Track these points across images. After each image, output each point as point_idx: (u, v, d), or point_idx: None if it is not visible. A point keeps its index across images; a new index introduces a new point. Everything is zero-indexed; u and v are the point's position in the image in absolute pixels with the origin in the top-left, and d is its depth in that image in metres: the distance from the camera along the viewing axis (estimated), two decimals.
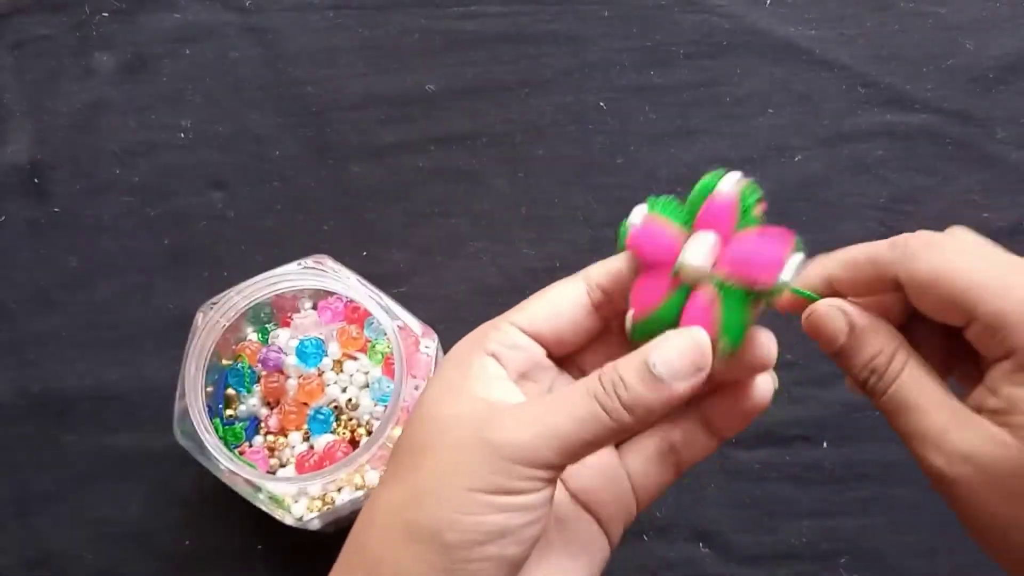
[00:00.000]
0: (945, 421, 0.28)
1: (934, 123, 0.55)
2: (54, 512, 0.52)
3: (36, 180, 0.56)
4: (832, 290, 0.32)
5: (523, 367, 0.32)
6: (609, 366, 0.29)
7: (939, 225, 0.54)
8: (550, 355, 0.33)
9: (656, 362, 0.28)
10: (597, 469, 0.33)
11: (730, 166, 0.55)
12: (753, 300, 0.30)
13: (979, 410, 0.28)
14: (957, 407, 0.29)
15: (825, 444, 0.51)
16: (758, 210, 0.31)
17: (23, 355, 0.53)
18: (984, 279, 0.28)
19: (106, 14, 0.58)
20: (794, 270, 0.30)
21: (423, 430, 0.30)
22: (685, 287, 0.30)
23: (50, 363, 0.53)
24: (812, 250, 0.32)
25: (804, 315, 0.31)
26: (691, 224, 0.31)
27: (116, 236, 0.55)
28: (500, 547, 0.28)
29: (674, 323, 0.30)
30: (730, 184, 0.30)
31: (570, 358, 0.34)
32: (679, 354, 0.29)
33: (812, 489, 0.51)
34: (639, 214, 0.32)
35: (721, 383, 0.33)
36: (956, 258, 0.29)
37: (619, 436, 0.29)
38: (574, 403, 0.28)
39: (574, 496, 0.33)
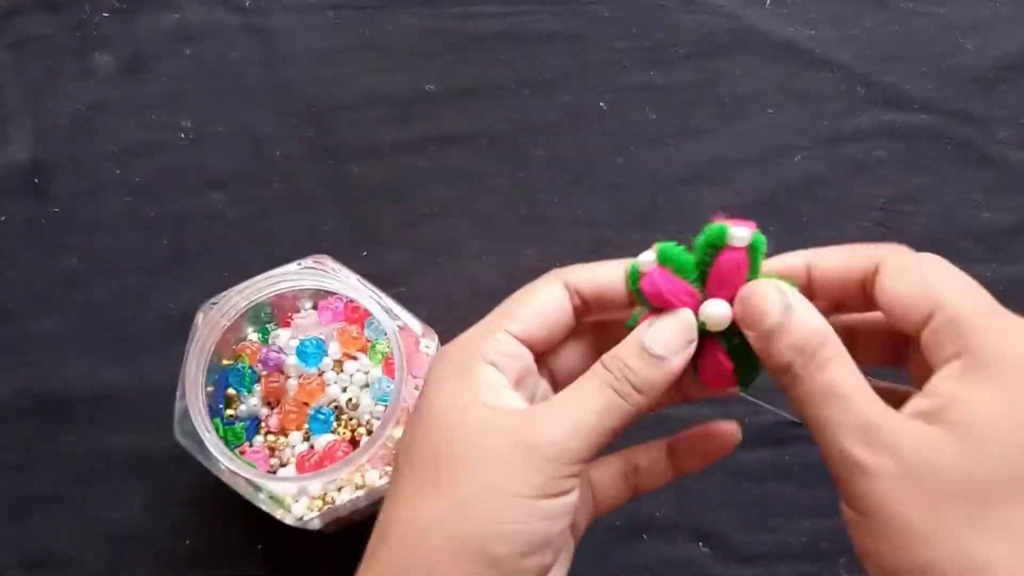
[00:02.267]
0: (874, 412, 0.27)
1: (934, 123, 0.55)
2: (54, 512, 0.52)
3: (36, 180, 0.56)
4: (808, 278, 0.33)
5: (518, 374, 0.32)
6: (609, 356, 0.31)
7: (939, 225, 0.54)
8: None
9: (653, 344, 0.31)
10: None
11: (730, 166, 0.55)
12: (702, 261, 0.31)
13: (914, 413, 0.28)
14: (885, 405, 0.28)
15: None
16: (764, 259, 0.32)
17: (23, 355, 0.53)
18: (950, 284, 0.29)
19: (106, 14, 0.58)
20: (746, 232, 0.31)
21: (447, 438, 0.30)
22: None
23: (50, 363, 0.53)
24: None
25: (740, 293, 0.31)
26: (702, 273, 0.32)
27: (116, 236, 0.55)
28: (542, 556, 0.29)
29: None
30: (741, 241, 0.31)
31: (539, 357, 0.35)
32: (671, 333, 0.31)
33: (812, 489, 0.51)
34: (649, 259, 0.32)
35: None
36: (927, 264, 0.30)
37: (636, 418, 0.31)
38: (592, 397, 0.30)
39: None
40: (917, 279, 0.29)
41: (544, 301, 0.33)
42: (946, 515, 0.26)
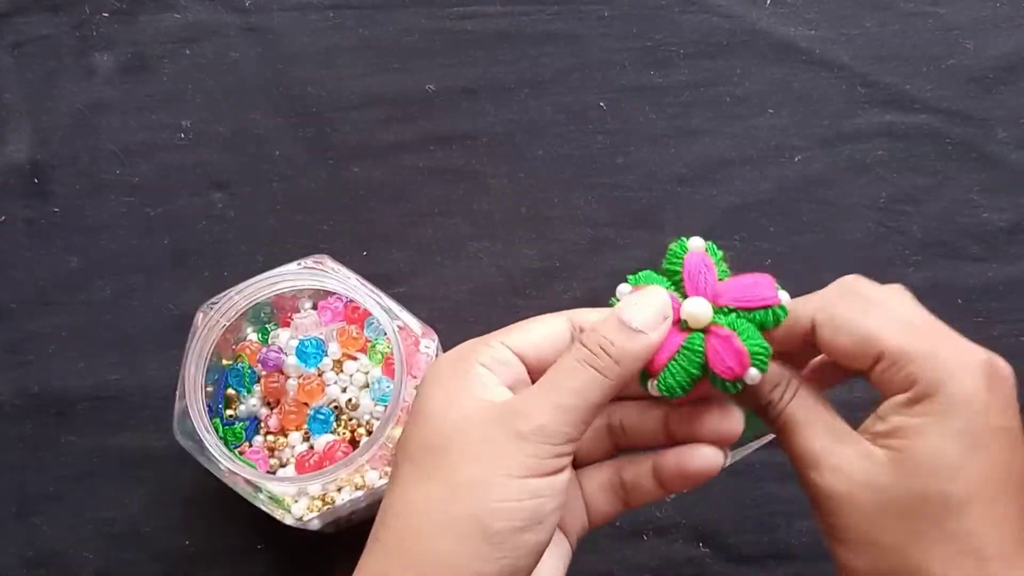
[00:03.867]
0: (828, 441, 0.32)
1: (934, 123, 0.55)
2: (54, 512, 0.52)
3: (36, 180, 0.56)
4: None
5: (510, 382, 0.33)
6: (586, 333, 0.32)
7: (939, 225, 0.54)
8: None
9: (631, 318, 0.32)
10: None
11: (730, 166, 0.55)
12: (759, 327, 0.33)
13: (865, 433, 0.31)
14: (842, 429, 0.32)
15: None
16: (726, 265, 0.34)
17: (23, 355, 0.53)
18: (888, 326, 0.31)
19: (106, 14, 0.58)
20: (786, 295, 0.33)
21: (442, 430, 0.32)
22: (697, 334, 0.33)
23: (50, 363, 0.53)
24: (813, 250, 0.32)
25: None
26: (676, 285, 0.34)
27: (116, 236, 0.55)
28: (536, 533, 0.30)
29: (699, 366, 0.32)
30: (697, 243, 0.34)
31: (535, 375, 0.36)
32: (647, 307, 0.32)
33: None
34: (625, 289, 0.34)
35: (681, 439, 0.34)
36: (862, 306, 0.32)
37: (615, 391, 0.32)
38: (572, 375, 0.31)
39: None
40: (854, 329, 0.31)
41: (542, 326, 0.34)
42: (890, 527, 0.30)
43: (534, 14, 0.57)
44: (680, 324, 0.33)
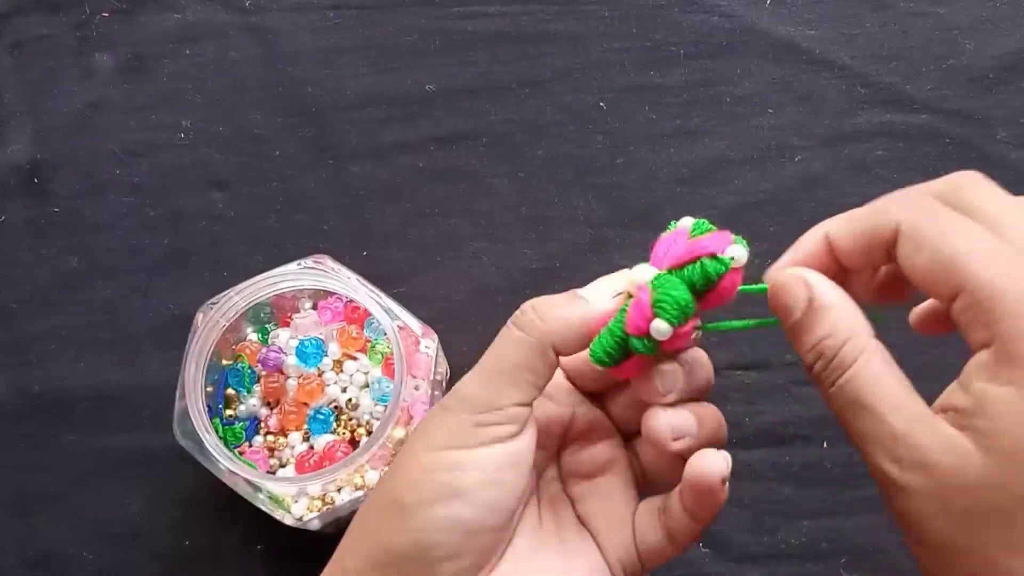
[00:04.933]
0: (901, 425, 0.26)
1: (934, 123, 0.55)
2: (54, 512, 0.52)
3: (36, 180, 0.56)
4: (828, 252, 0.30)
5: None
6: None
7: None
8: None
9: (579, 291, 0.31)
10: (606, 504, 0.34)
11: (730, 166, 0.55)
12: (696, 284, 0.30)
13: (947, 408, 0.26)
14: (918, 409, 0.26)
15: (825, 444, 0.51)
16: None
17: (23, 355, 0.53)
18: (976, 254, 0.25)
19: (106, 14, 0.58)
20: (744, 250, 0.30)
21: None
22: (617, 323, 0.30)
23: (50, 363, 0.53)
24: None
25: (770, 287, 0.30)
26: (693, 290, 0.31)
27: (116, 236, 0.55)
28: (453, 508, 0.29)
29: (622, 330, 0.30)
30: (685, 223, 0.32)
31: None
32: (604, 280, 0.32)
33: (812, 489, 0.51)
34: (644, 276, 0.31)
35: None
36: (951, 227, 0.26)
37: (540, 353, 0.30)
38: (497, 341, 0.31)
39: (580, 517, 0.34)
40: (937, 251, 0.26)
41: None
42: (979, 531, 0.25)
43: (534, 14, 0.57)
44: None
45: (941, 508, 0.25)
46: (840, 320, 0.28)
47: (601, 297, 0.31)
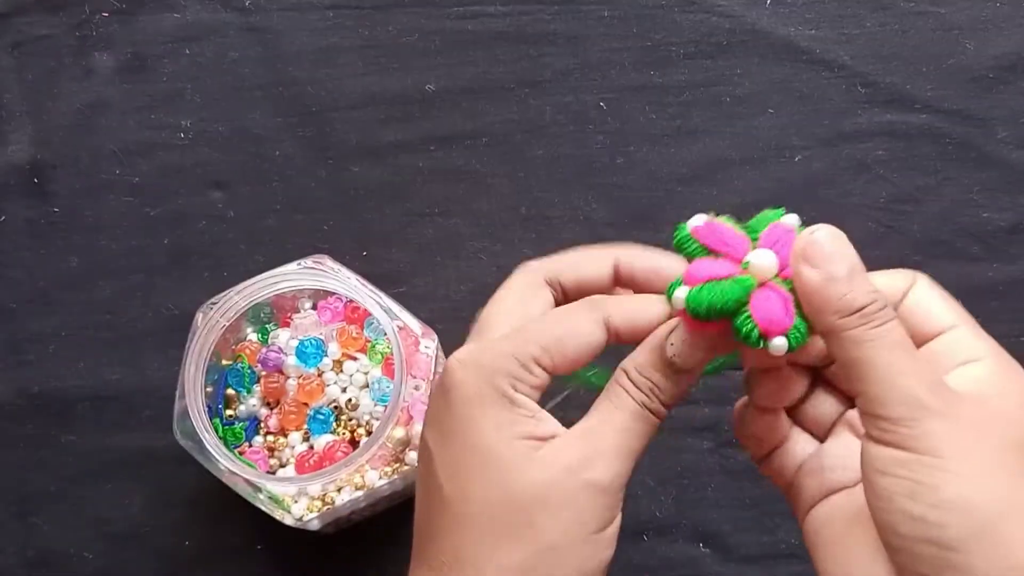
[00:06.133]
0: (936, 370, 0.30)
1: (934, 123, 0.55)
2: (54, 512, 0.52)
3: (36, 180, 0.56)
4: None
5: (539, 393, 0.32)
6: (636, 372, 0.31)
7: (939, 225, 0.54)
8: None
9: (677, 356, 0.31)
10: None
11: (730, 166, 0.55)
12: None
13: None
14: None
15: None
16: None
17: (23, 355, 0.53)
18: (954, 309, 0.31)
19: (106, 14, 0.58)
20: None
21: (514, 481, 0.30)
22: (750, 278, 0.31)
23: (50, 363, 0.53)
24: None
25: (813, 234, 0.31)
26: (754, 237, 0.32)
27: (116, 236, 0.55)
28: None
29: (738, 300, 0.30)
30: (794, 220, 0.33)
31: None
32: (697, 349, 0.31)
33: None
34: (701, 218, 0.33)
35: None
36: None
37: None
38: (631, 421, 0.31)
39: None
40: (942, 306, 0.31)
41: (583, 343, 0.32)
42: (1009, 461, 0.27)
43: (534, 14, 0.57)
44: (742, 264, 0.31)
45: (973, 434, 0.28)
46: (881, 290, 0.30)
47: (692, 364, 0.31)
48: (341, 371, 0.48)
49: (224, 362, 0.49)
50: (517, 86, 0.56)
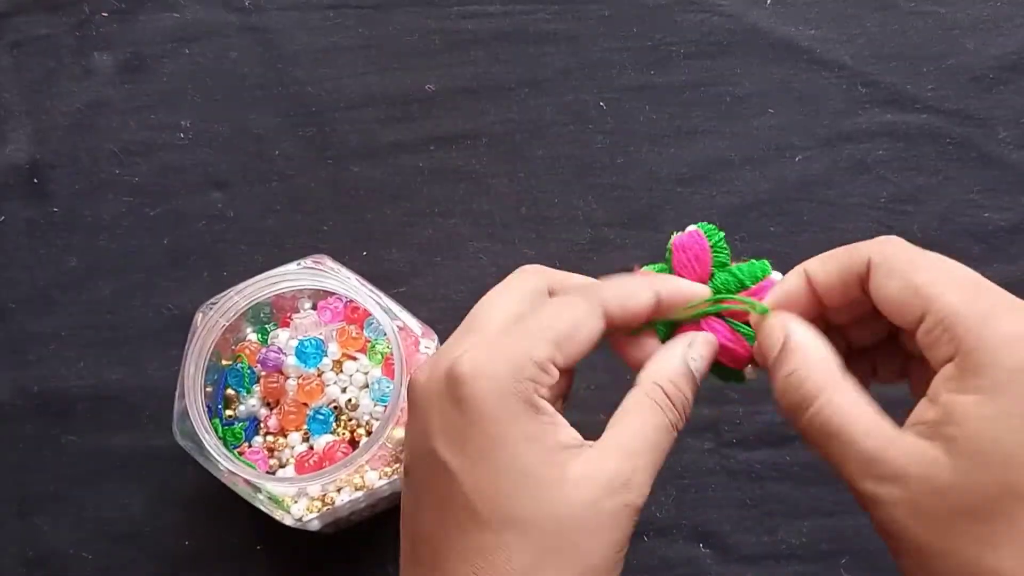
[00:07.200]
0: (871, 445, 0.28)
1: (934, 123, 0.55)
2: (54, 512, 0.52)
3: (36, 180, 0.56)
4: (809, 290, 0.32)
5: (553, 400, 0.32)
6: (663, 383, 0.32)
7: (939, 225, 0.54)
8: None
9: (698, 369, 0.32)
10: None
11: (730, 166, 0.55)
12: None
13: (917, 423, 0.28)
14: (886, 428, 0.28)
15: None
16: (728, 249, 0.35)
17: (23, 355, 0.53)
18: (941, 281, 0.29)
19: (106, 14, 0.58)
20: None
21: (557, 501, 0.29)
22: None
23: (50, 363, 0.53)
24: (813, 250, 0.32)
25: (759, 331, 0.33)
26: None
27: (116, 236, 0.55)
28: None
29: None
30: (779, 278, 0.35)
31: None
32: (708, 354, 0.33)
33: (812, 489, 0.51)
34: (690, 229, 0.35)
35: None
36: (918, 260, 0.30)
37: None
38: (665, 439, 0.31)
39: None
40: (906, 278, 0.29)
41: (589, 335, 0.32)
42: (955, 534, 0.27)
43: (534, 14, 0.57)
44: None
45: (917, 515, 0.27)
46: (807, 358, 0.30)
47: (704, 374, 0.33)
48: (341, 371, 0.48)
49: (224, 362, 0.49)
50: (517, 86, 0.56)
